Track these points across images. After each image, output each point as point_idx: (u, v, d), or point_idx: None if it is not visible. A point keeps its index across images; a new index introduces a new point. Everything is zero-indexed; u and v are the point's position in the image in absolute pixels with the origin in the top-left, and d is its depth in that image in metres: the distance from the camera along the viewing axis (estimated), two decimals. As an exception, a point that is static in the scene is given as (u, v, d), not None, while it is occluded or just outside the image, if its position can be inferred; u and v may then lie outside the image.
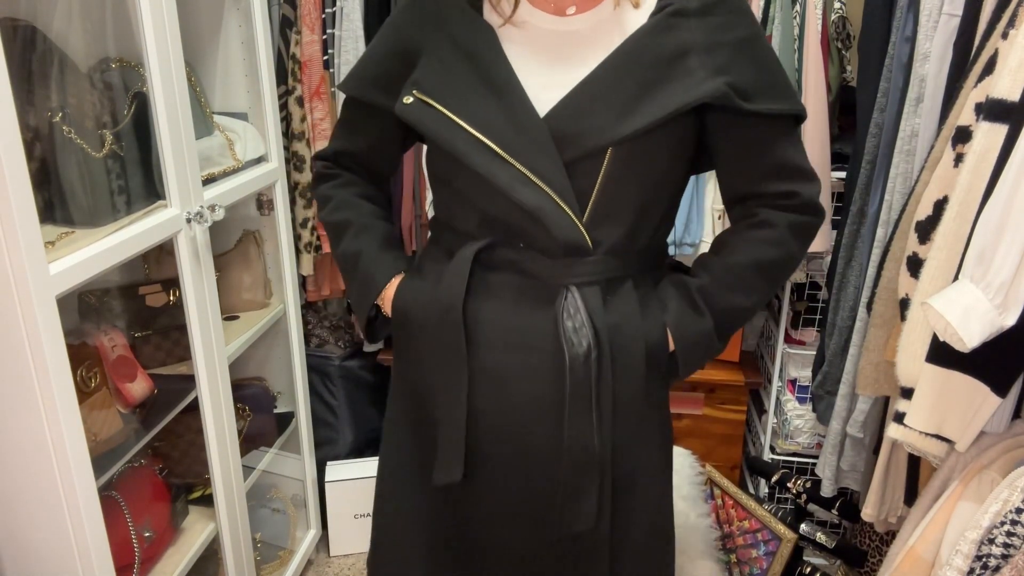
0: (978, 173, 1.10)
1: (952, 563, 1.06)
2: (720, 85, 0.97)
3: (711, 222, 2.00)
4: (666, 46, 0.98)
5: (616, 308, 1.05)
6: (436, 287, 1.07)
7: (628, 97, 0.97)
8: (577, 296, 1.03)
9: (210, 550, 1.63)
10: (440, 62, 1.03)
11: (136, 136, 1.37)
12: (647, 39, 0.99)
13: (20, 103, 1.01)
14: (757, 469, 2.16)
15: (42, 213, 1.07)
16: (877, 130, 1.61)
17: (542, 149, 0.99)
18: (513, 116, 0.99)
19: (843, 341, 1.72)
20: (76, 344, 1.37)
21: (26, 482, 1.13)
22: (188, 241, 1.41)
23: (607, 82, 0.98)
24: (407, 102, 1.03)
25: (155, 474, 1.58)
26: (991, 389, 1.13)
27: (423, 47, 1.05)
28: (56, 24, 1.26)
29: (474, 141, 0.99)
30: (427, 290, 1.09)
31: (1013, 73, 1.06)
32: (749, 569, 1.91)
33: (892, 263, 1.39)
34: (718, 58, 0.98)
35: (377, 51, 1.12)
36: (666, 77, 0.98)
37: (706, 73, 0.97)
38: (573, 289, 1.03)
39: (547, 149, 0.98)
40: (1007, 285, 1.02)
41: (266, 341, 1.95)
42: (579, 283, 1.03)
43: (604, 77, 0.99)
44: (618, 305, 1.05)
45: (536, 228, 1.01)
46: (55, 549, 1.16)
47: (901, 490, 1.47)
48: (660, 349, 1.07)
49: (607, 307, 1.04)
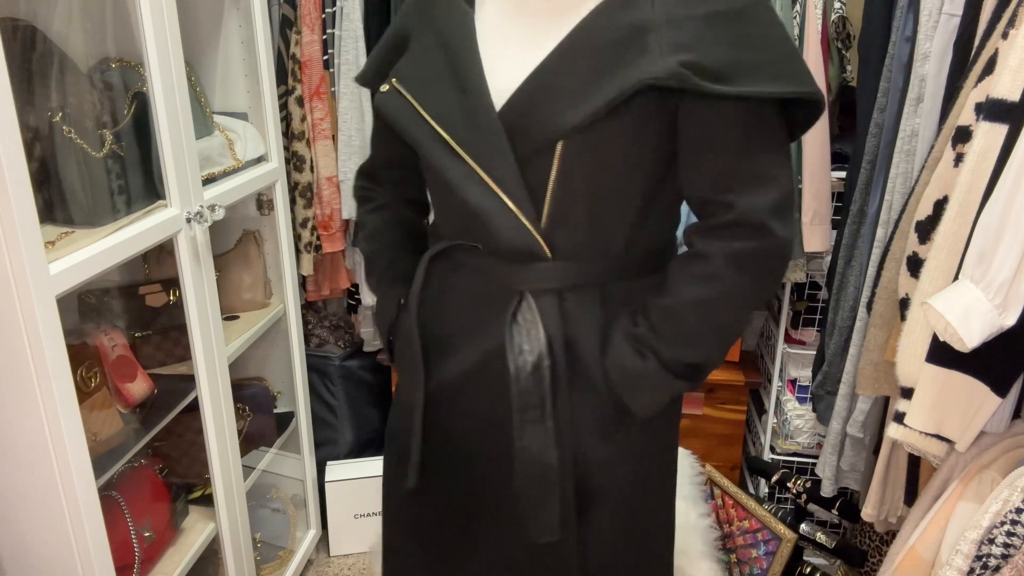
0: (978, 173, 1.10)
1: (952, 563, 1.06)
2: (672, 64, 0.84)
3: (711, 222, 2.00)
4: (622, 25, 0.87)
5: (576, 319, 0.98)
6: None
7: (579, 83, 0.87)
8: (532, 303, 0.96)
9: (210, 550, 1.63)
10: (420, 51, 0.98)
11: (136, 136, 1.37)
12: (603, 19, 0.88)
13: (20, 103, 1.01)
14: (757, 469, 2.16)
15: (42, 213, 1.07)
16: (877, 130, 1.61)
17: (495, 144, 0.91)
18: (470, 109, 0.92)
19: (843, 341, 1.72)
20: (76, 344, 1.37)
21: (26, 482, 1.13)
22: (188, 241, 1.41)
23: (560, 68, 0.89)
24: (383, 90, 0.99)
25: (155, 474, 1.58)
26: (991, 389, 1.13)
27: (412, 34, 1.01)
28: (56, 24, 1.26)
29: (432, 133, 0.93)
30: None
31: (1013, 73, 1.06)
32: (749, 569, 1.91)
33: (892, 263, 1.39)
34: (681, 34, 0.85)
35: (383, 41, 1.09)
36: (621, 60, 0.86)
37: (662, 52, 0.85)
38: (528, 296, 0.97)
39: (499, 144, 0.90)
40: (1007, 285, 1.02)
41: (266, 341, 1.95)
42: (534, 290, 0.97)
43: (557, 63, 0.89)
44: (579, 316, 0.98)
45: (485, 230, 0.94)
46: (55, 549, 1.16)
47: (901, 490, 1.47)
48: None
49: (566, 317, 0.97)
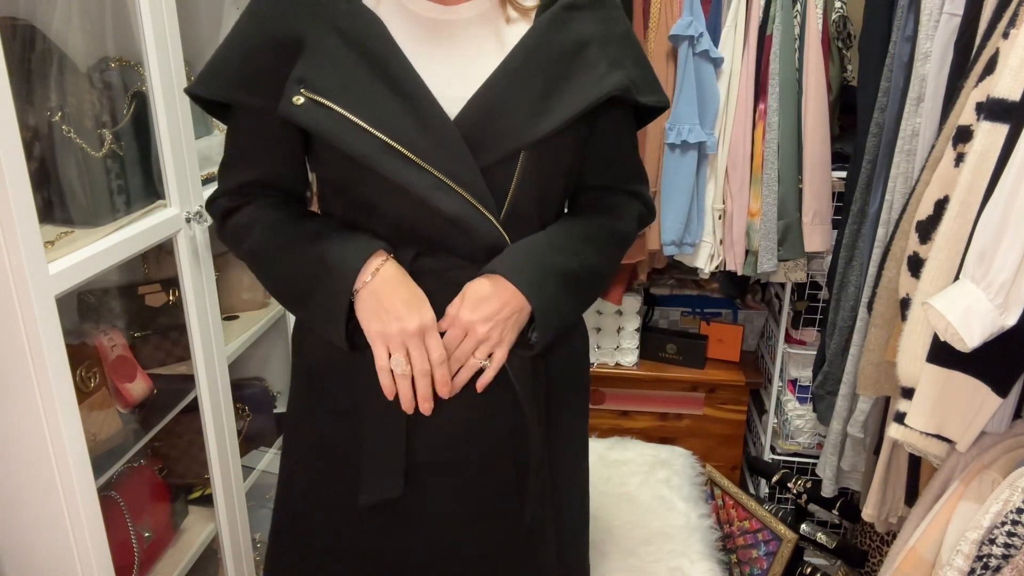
0: (979, 173, 1.10)
1: (953, 563, 1.06)
2: (622, 77, 0.97)
3: (711, 222, 2.00)
4: (567, 40, 0.96)
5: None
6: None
7: (538, 95, 0.94)
8: None
9: (210, 550, 1.63)
10: (327, 56, 0.91)
11: (136, 136, 1.37)
12: (549, 34, 0.95)
13: (19, 103, 1.01)
14: (757, 469, 2.16)
15: (41, 213, 1.06)
16: (878, 130, 1.61)
17: (457, 153, 0.93)
18: (421, 117, 0.92)
19: (844, 341, 1.72)
20: (76, 344, 1.37)
21: (25, 482, 1.13)
22: (188, 241, 1.40)
23: (516, 80, 0.94)
24: (297, 103, 0.90)
25: (155, 474, 1.58)
26: (992, 389, 1.13)
27: (303, 37, 0.92)
28: (55, 24, 1.26)
29: (381, 145, 0.91)
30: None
31: (1014, 73, 1.06)
32: (749, 569, 1.91)
33: (893, 263, 1.39)
34: (612, 51, 0.98)
35: (239, 46, 0.95)
36: (572, 72, 0.95)
37: (607, 65, 0.96)
38: None
39: (462, 153, 0.93)
40: (1008, 285, 1.02)
41: (266, 341, 1.95)
42: None
43: (513, 75, 0.94)
44: None
45: (457, 235, 0.96)
46: (54, 549, 1.16)
47: (902, 490, 1.47)
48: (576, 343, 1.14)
49: None
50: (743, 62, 1.89)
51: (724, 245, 2.01)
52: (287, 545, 1.14)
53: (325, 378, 1.06)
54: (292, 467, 1.13)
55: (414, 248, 0.99)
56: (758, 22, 1.87)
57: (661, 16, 1.91)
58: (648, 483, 1.84)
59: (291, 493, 1.13)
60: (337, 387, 1.05)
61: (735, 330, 2.34)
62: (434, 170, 0.92)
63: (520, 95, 0.94)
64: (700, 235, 2.01)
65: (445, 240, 0.98)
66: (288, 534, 1.14)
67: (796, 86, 1.89)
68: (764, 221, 1.93)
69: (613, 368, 2.32)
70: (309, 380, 1.09)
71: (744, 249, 1.99)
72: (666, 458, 1.94)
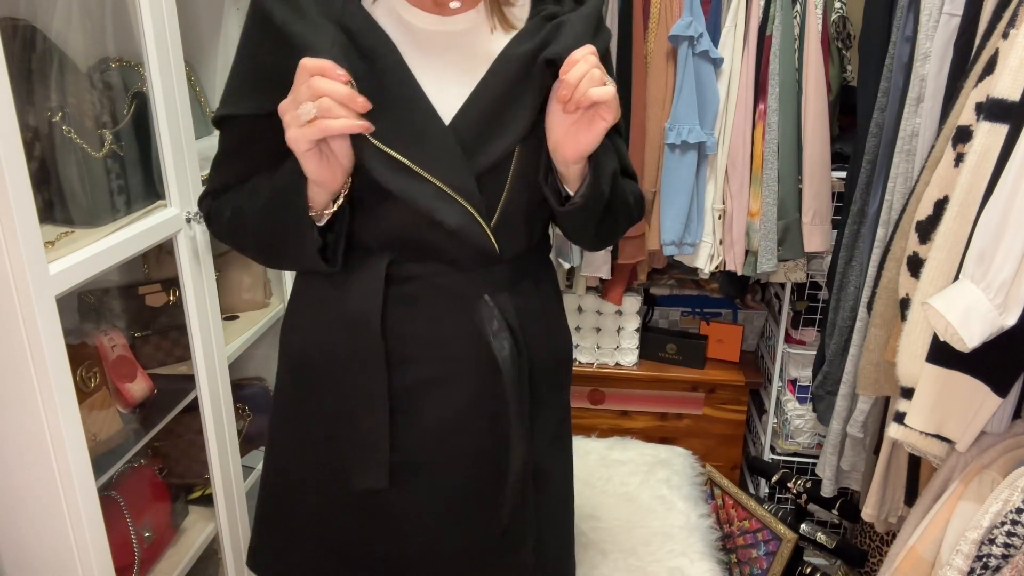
0: (978, 173, 1.10)
1: (952, 563, 1.06)
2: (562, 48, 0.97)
3: (711, 222, 2.01)
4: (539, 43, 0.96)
5: (524, 309, 1.06)
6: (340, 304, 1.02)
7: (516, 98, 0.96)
8: (492, 303, 1.02)
9: (210, 550, 1.63)
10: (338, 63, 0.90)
11: (136, 136, 1.37)
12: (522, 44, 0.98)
13: (20, 103, 1.01)
14: (757, 469, 2.16)
15: (42, 213, 1.07)
16: (877, 130, 1.61)
17: (454, 161, 0.94)
18: (417, 127, 0.94)
19: (843, 341, 1.72)
20: (76, 344, 1.37)
21: (26, 482, 1.13)
22: (188, 241, 1.41)
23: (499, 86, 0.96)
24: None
25: (155, 474, 1.58)
26: (992, 389, 1.13)
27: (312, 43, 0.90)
28: (56, 24, 1.26)
29: (383, 156, 0.92)
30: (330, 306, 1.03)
31: (1014, 73, 1.06)
32: (749, 569, 1.91)
33: (892, 263, 1.39)
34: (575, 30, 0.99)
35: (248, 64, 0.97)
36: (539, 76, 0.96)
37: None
38: (486, 297, 1.03)
39: (459, 161, 0.94)
40: (1007, 285, 1.02)
41: (266, 341, 1.95)
42: (491, 291, 1.03)
43: (496, 82, 0.96)
44: (525, 305, 1.07)
45: (451, 243, 0.98)
46: (55, 549, 1.16)
47: (901, 490, 1.47)
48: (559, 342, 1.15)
49: (517, 310, 1.05)
50: (743, 62, 1.89)
51: (724, 245, 2.02)
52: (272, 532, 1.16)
53: (310, 375, 1.08)
54: (277, 460, 1.15)
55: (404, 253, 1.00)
56: (758, 22, 1.87)
57: (661, 16, 1.92)
58: (648, 483, 1.84)
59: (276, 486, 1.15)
60: (322, 384, 1.07)
61: (735, 330, 2.34)
62: (436, 180, 0.93)
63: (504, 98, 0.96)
64: (700, 235, 2.01)
65: (437, 248, 0.99)
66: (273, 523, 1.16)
67: (796, 86, 1.89)
68: (764, 221, 1.93)
69: (613, 368, 2.32)
70: (293, 376, 1.11)
71: (744, 249, 1.99)
72: (666, 458, 1.94)
